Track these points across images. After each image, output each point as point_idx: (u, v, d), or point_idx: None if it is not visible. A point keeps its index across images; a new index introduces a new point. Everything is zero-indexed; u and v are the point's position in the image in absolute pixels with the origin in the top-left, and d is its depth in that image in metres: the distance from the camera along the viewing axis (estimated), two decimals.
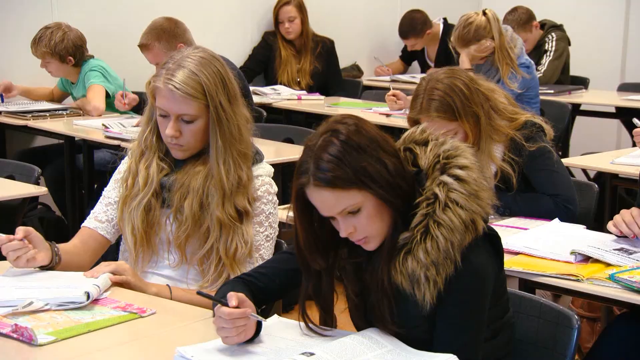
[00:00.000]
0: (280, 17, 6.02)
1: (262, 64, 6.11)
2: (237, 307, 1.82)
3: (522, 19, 5.94)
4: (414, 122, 2.75)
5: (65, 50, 4.67)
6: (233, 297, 1.83)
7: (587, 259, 2.40)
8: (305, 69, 6.02)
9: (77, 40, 4.71)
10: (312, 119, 5.34)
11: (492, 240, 1.87)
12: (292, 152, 3.84)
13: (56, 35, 4.62)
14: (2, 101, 4.82)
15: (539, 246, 2.49)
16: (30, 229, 2.25)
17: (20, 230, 2.22)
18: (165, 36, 4.27)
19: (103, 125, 4.20)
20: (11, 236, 2.20)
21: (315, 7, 6.46)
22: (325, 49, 6.13)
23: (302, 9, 6.04)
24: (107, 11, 5.39)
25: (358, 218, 1.80)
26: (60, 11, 5.15)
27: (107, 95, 4.74)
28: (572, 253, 2.41)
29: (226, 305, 1.82)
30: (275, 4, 6.05)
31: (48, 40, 4.62)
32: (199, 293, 1.90)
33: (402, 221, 1.81)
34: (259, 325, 1.89)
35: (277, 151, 3.84)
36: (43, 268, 2.27)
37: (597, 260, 2.38)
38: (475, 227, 1.79)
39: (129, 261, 2.38)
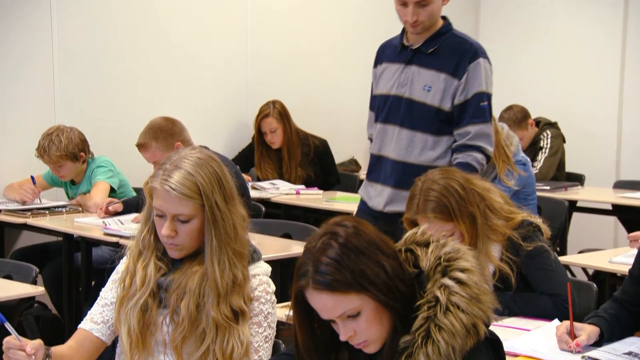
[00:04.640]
0: (263, 128, 5.98)
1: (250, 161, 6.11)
2: None
3: (517, 117, 6.02)
4: (410, 222, 2.76)
5: (77, 148, 4.72)
6: None
7: None
8: (294, 178, 5.93)
9: (81, 136, 4.78)
10: (310, 214, 5.35)
11: (494, 345, 1.86)
12: (291, 248, 3.83)
13: (63, 137, 4.68)
14: (34, 183, 4.82)
15: (546, 350, 2.45)
16: (38, 345, 2.19)
17: (32, 347, 2.16)
18: (163, 135, 4.29)
19: (103, 222, 4.21)
20: (23, 345, 2.15)
21: (312, 104, 6.54)
22: (318, 155, 6.05)
23: (283, 118, 5.96)
24: (108, 110, 5.47)
25: (357, 322, 1.78)
26: (62, 112, 5.24)
27: (113, 190, 4.78)
28: (583, 357, 2.37)
29: None
30: (256, 116, 6.02)
31: (58, 144, 4.65)
32: None
33: (403, 324, 1.80)
34: None
35: (275, 247, 3.84)
36: None
37: None
38: (476, 331, 1.78)
39: None
